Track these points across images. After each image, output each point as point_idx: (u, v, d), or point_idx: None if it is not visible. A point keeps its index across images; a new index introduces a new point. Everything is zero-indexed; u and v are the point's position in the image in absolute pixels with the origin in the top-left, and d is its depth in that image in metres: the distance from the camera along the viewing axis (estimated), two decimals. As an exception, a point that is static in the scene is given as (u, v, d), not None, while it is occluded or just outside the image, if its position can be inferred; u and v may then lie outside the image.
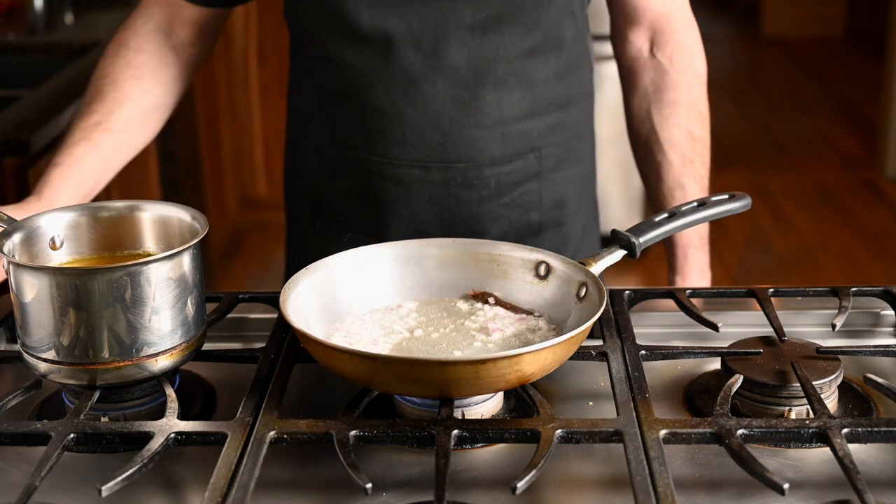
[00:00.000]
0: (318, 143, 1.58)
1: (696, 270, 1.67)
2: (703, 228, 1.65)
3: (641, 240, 1.27)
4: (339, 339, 1.18)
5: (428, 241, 1.28)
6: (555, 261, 1.23)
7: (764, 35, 8.17)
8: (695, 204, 1.32)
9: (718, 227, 1.88)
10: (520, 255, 1.25)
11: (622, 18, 1.62)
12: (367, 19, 1.44)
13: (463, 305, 1.25)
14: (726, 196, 1.34)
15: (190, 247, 1.12)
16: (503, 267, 1.26)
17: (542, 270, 1.24)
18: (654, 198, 1.68)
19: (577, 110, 1.58)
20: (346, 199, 1.57)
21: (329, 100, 1.54)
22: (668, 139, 1.62)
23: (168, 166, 3.33)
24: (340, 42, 1.48)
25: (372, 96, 1.48)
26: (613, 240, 1.27)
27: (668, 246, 1.67)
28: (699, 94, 1.63)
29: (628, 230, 1.28)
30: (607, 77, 1.74)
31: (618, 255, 1.26)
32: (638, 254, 1.26)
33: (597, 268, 1.22)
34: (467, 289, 1.27)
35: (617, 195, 4.19)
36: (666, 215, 1.30)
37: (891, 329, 1.35)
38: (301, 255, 1.64)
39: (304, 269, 1.21)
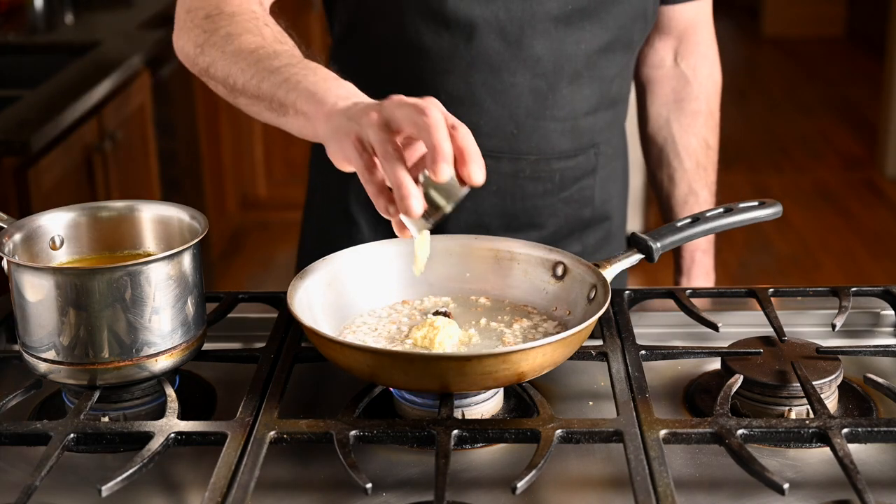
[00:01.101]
0: None
1: (701, 273, 1.71)
2: None
3: (660, 244, 1.26)
4: (351, 335, 1.19)
5: (451, 237, 1.29)
6: (571, 262, 1.23)
7: (764, 35, 8.17)
8: (720, 210, 1.31)
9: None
10: (539, 255, 1.26)
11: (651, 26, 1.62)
12: (452, 4, 1.42)
13: (485, 301, 1.27)
14: (755, 203, 1.32)
15: (190, 247, 1.12)
16: (522, 266, 1.26)
17: (559, 271, 1.24)
18: (667, 203, 1.71)
19: (623, 109, 1.60)
20: None
21: (396, 85, 1.49)
22: (686, 147, 1.67)
23: (168, 166, 3.32)
24: (420, 26, 1.45)
25: (448, 83, 1.46)
26: (632, 243, 1.27)
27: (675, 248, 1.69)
28: (716, 104, 1.68)
29: (648, 234, 1.28)
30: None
31: (634, 258, 1.26)
32: (656, 258, 1.26)
33: (611, 271, 1.22)
34: (486, 285, 1.27)
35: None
36: (689, 220, 1.30)
37: (891, 329, 1.35)
38: (329, 245, 1.60)
39: (310, 266, 1.21)
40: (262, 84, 1.18)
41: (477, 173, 1.01)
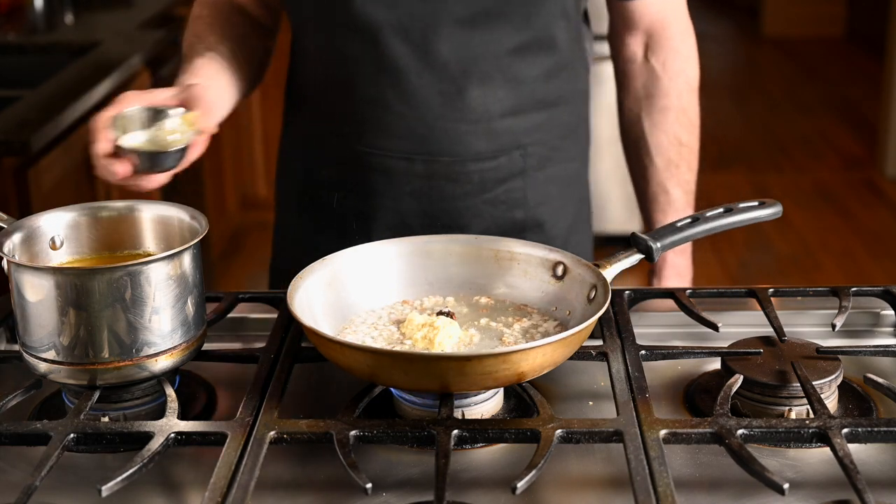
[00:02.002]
0: (311, 132, 1.59)
1: (672, 274, 1.68)
2: None
3: (660, 244, 1.26)
4: (351, 335, 1.19)
5: (451, 237, 1.30)
6: (571, 262, 1.23)
7: (764, 35, 8.16)
8: (720, 210, 1.31)
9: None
10: (539, 255, 1.26)
11: (620, 22, 1.62)
12: (358, 8, 1.44)
13: (483, 300, 1.27)
14: (756, 203, 1.31)
15: (190, 247, 1.12)
16: (522, 266, 1.26)
17: (559, 271, 1.24)
18: (639, 200, 1.70)
19: (567, 110, 1.57)
20: (336, 188, 1.57)
21: (322, 89, 1.55)
22: (656, 144, 1.64)
23: (168, 166, 3.32)
24: (333, 31, 1.48)
25: (361, 86, 1.49)
26: (632, 243, 1.27)
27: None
28: (690, 101, 1.64)
29: (648, 234, 1.28)
30: (608, 77, 1.73)
31: (634, 258, 1.26)
32: (656, 258, 1.26)
33: (611, 271, 1.22)
34: (486, 285, 1.27)
35: (616, 195, 4.18)
36: (689, 220, 1.30)
37: (891, 329, 1.35)
38: (289, 244, 1.66)
39: (310, 266, 1.21)
40: None
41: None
